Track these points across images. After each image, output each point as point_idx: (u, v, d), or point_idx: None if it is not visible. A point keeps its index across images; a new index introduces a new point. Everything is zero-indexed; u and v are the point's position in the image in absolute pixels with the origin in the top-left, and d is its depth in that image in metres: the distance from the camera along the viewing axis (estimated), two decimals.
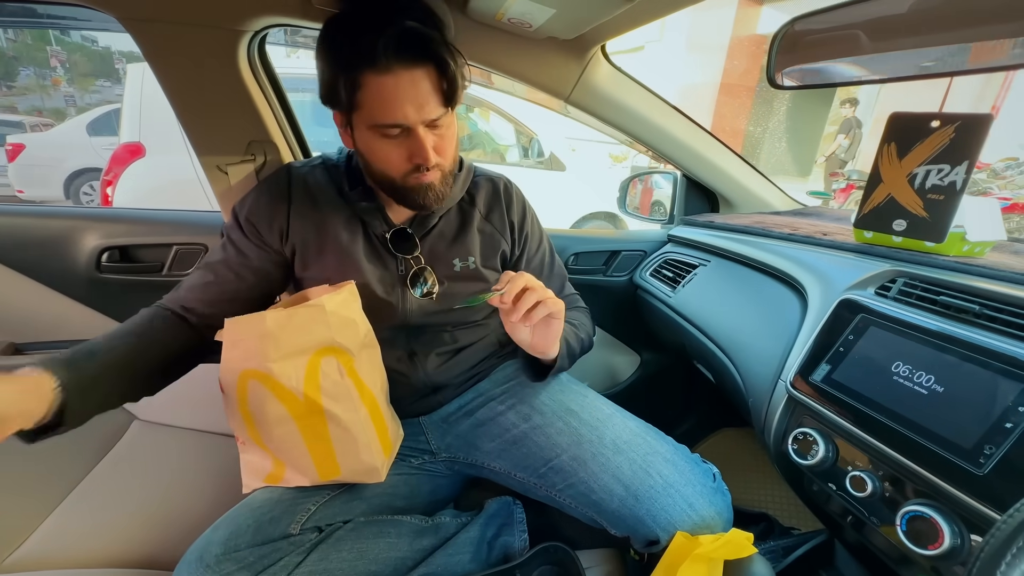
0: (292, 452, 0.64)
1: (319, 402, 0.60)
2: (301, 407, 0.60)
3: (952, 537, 0.44)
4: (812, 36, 0.71)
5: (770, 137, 9.65)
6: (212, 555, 0.57)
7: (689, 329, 0.98)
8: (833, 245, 0.83)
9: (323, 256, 0.72)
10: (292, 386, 0.59)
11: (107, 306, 1.18)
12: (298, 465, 0.65)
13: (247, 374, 0.60)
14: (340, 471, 0.65)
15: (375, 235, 0.73)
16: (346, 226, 0.72)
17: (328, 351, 0.61)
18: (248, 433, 0.65)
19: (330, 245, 0.71)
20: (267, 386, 0.59)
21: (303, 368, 0.60)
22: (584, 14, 0.78)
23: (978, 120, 0.63)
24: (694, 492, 0.64)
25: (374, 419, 0.66)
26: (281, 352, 0.59)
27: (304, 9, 0.81)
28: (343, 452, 0.64)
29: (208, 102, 0.89)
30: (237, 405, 0.62)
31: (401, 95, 0.58)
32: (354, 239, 0.72)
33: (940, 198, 0.66)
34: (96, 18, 0.89)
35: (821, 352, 0.62)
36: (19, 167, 5.60)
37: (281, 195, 0.72)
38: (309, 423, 0.61)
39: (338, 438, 0.63)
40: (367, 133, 0.62)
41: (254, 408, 0.61)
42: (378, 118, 0.60)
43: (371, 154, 0.64)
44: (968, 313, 0.54)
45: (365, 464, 0.65)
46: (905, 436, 0.50)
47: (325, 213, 0.72)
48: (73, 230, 1.13)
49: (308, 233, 0.72)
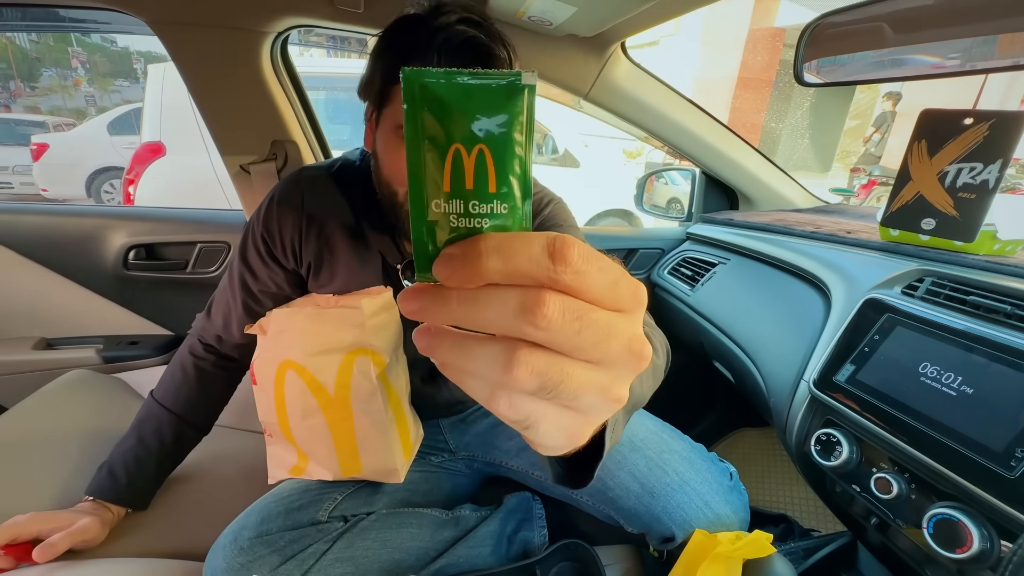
0: (318, 446, 0.65)
1: (348, 400, 0.62)
2: (331, 402, 0.62)
3: (981, 541, 0.43)
4: (839, 31, 0.70)
5: (789, 132, 9.48)
6: (245, 538, 0.59)
7: (708, 328, 0.98)
8: (858, 243, 0.82)
9: (335, 280, 0.68)
10: (325, 381, 0.61)
11: (134, 302, 1.22)
12: (322, 459, 0.67)
13: (286, 364, 0.62)
14: (362, 469, 0.66)
15: (390, 267, 0.69)
16: (359, 251, 0.67)
17: (362, 351, 0.62)
18: (277, 424, 0.66)
19: (342, 270, 0.67)
20: (303, 378, 0.61)
21: (337, 365, 0.61)
22: (604, 12, 0.78)
23: (1014, 118, 0.61)
24: (710, 490, 0.64)
25: (398, 421, 0.67)
26: (319, 347, 0.60)
27: (327, 9, 0.82)
28: (366, 451, 0.65)
29: (232, 102, 0.90)
30: (273, 393, 0.63)
31: None
32: (367, 267, 0.67)
33: (971, 197, 0.65)
34: (118, 21, 0.91)
35: (845, 352, 0.61)
36: (43, 166, 5.74)
37: (293, 207, 0.66)
38: (337, 419, 0.63)
39: (363, 437, 0.64)
40: (390, 135, 0.57)
41: (289, 398, 0.63)
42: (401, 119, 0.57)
43: (385, 160, 0.59)
44: (999, 313, 0.53)
45: (386, 465, 0.66)
46: (933, 438, 0.49)
47: (339, 231, 0.67)
48: (101, 228, 1.16)
49: (323, 251, 0.67)
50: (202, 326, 0.75)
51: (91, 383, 0.97)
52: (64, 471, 0.79)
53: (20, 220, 1.17)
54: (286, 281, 0.70)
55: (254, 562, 0.58)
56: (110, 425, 0.90)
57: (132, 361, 1.17)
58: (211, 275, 1.17)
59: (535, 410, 0.18)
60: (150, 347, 1.20)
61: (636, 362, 0.19)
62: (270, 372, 0.63)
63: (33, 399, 0.89)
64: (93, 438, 0.86)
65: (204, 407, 0.74)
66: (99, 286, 1.19)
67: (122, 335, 1.21)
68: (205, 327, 0.74)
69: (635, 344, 0.18)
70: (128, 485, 0.68)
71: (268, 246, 0.68)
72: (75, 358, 1.14)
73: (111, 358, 1.16)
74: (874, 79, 0.71)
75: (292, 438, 0.68)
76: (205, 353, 0.74)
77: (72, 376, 0.97)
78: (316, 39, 1.55)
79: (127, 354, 1.17)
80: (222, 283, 0.73)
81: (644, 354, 0.19)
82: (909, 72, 0.70)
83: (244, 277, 0.69)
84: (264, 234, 0.67)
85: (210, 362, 0.73)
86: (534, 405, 0.18)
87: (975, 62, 0.62)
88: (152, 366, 1.16)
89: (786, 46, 8.32)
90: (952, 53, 0.64)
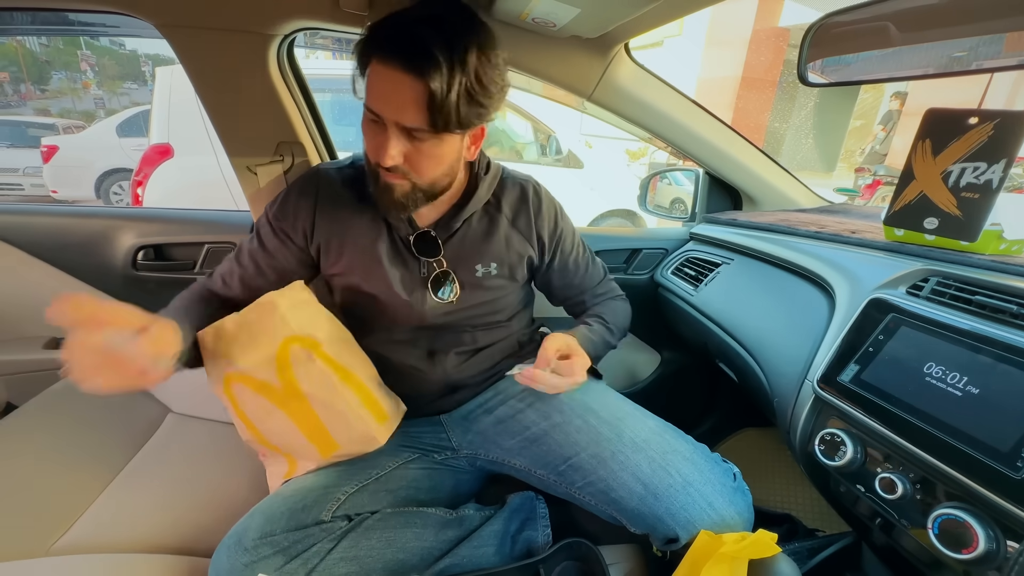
0: (290, 439, 0.67)
1: (296, 386, 0.64)
2: (281, 395, 0.64)
3: (987, 541, 0.43)
4: (843, 31, 0.70)
5: (793, 132, 9.44)
6: (250, 539, 0.59)
7: (712, 328, 0.98)
8: (862, 243, 0.82)
9: (346, 256, 0.74)
10: (266, 378, 0.63)
11: (143, 302, 1.21)
12: (301, 451, 0.69)
13: (228, 379, 0.65)
14: (338, 444, 0.68)
15: (399, 237, 0.75)
16: (370, 227, 0.74)
17: (292, 340, 0.65)
18: (256, 439, 0.68)
19: (353, 245, 0.74)
20: (247, 384, 0.64)
21: (273, 360, 0.64)
22: (608, 13, 0.78)
23: (1019, 117, 0.61)
24: (714, 491, 0.64)
25: (360, 394, 0.69)
26: (247, 350, 0.63)
27: (332, 12, 0.83)
28: (335, 426, 0.67)
29: (239, 104, 0.91)
30: (234, 411, 0.66)
31: (384, 88, 0.60)
32: (377, 240, 0.74)
33: (975, 197, 0.65)
34: (126, 24, 0.92)
35: (850, 352, 0.61)
36: (53, 168, 5.81)
37: (308, 195, 0.74)
38: (295, 408, 0.65)
39: (326, 415, 0.66)
40: (364, 114, 0.65)
41: (246, 408, 0.65)
42: (367, 101, 0.62)
43: (364, 134, 0.67)
44: (1005, 313, 0.52)
45: (360, 432, 0.68)
46: (938, 438, 0.49)
47: (350, 213, 0.74)
48: (110, 229, 1.18)
49: (333, 233, 0.74)
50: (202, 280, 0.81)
51: None
52: (74, 468, 0.80)
53: (31, 221, 1.18)
54: (292, 256, 0.76)
55: (259, 562, 0.58)
56: (119, 423, 0.91)
57: None
58: None
59: None
60: None
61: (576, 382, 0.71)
62: (220, 392, 0.66)
63: (43, 397, 0.90)
64: (102, 436, 0.87)
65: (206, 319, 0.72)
66: (108, 286, 1.21)
67: None
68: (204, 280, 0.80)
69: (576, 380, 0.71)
70: None
71: (280, 221, 0.75)
72: None
73: None
74: (878, 79, 0.71)
75: (270, 443, 0.70)
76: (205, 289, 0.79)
77: None
78: (322, 42, 1.56)
79: None
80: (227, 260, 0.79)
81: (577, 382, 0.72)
82: (913, 72, 0.70)
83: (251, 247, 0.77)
84: (279, 214, 0.75)
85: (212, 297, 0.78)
86: None
87: (981, 61, 0.62)
88: None
89: (790, 46, 8.29)
90: (957, 52, 0.64)
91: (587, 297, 0.90)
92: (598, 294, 0.90)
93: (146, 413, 0.96)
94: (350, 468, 0.73)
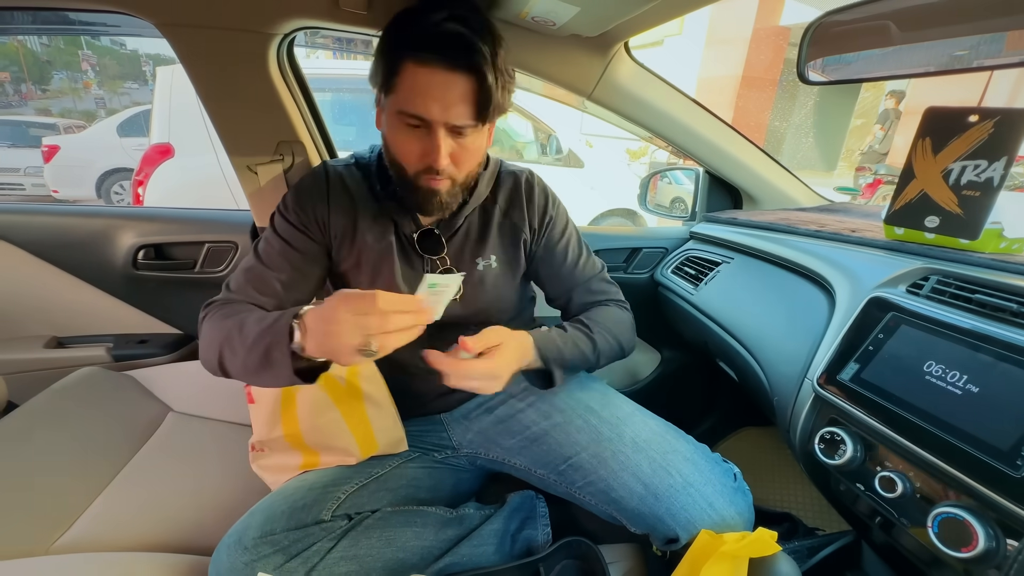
0: (335, 438, 0.68)
1: (358, 385, 0.67)
2: (343, 392, 0.66)
3: (987, 540, 0.43)
4: (843, 29, 0.70)
5: (794, 131, 9.43)
6: (250, 538, 0.59)
7: (712, 327, 0.98)
8: (862, 242, 0.82)
9: (356, 252, 0.74)
10: (337, 374, 0.66)
11: (143, 301, 1.23)
12: (339, 448, 0.70)
13: None
14: (378, 445, 0.71)
15: (404, 235, 0.75)
16: (377, 224, 0.74)
17: None
18: (281, 430, 0.68)
19: (362, 242, 0.74)
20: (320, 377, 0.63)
21: None
22: (608, 12, 0.78)
23: (1019, 115, 0.61)
24: (714, 491, 0.64)
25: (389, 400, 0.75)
26: None
27: (332, 11, 0.83)
28: (379, 428, 0.70)
29: (239, 104, 0.91)
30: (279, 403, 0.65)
31: (432, 90, 0.59)
32: (384, 237, 0.74)
33: (975, 195, 0.65)
34: (127, 23, 0.92)
35: (849, 351, 0.61)
36: (54, 168, 5.82)
37: (319, 190, 0.74)
38: (349, 407, 0.68)
39: (374, 416, 0.69)
40: (394, 118, 0.63)
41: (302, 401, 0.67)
42: (405, 106, 0.61)
43: (392, 140, 0.66)
44: (1005, 312, 0.52)
45: (395, 436, 0.73)
46: (938, 437, 0.49)
47: (358, 210, 0.74)
48: (111, 229, 1.18)
49: (345, 227, 0.74)
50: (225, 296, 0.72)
51: (101, 381, 0.98)
52: (75, 467, 0.80)
53: (32, 221, 1.19)
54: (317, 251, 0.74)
55: (259, 561, 0.58)
56: (120, 422, 0.91)
57: (141, 359, 1.18)
58: (219, 274, 1.18)
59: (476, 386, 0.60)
60: (159, 345, 1.21)
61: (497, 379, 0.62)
62: None
63: (44, 396, 0.90)
64: (103, 434, 0.87)
65: None
66: (109, 285, 1.21)
67: (131, 334, 1.23)
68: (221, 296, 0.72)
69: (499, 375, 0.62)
70: None
71: (299, 215, 0.73)
72: (86, 356, 1.16)
73: (121, 356, 1.18)
74: (878, 77, 0.71)
75: (300, 442, 0.69)
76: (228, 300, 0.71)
77: (83, 374, 0.99)
78: (322, 41, 1.56)
79: (136, 352, 1.19)
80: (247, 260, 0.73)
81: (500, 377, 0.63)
82: (914, 70, 0.70)
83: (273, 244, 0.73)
84: (296, 207, 0.73)
85: None
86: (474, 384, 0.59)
87: (982, 59, 0.62)
88: (161, 364, 1.17)
89: (791, 45, 8.28)
90: (958, 50, 0.64)
91: (578, 293, 0.83)
92: (592, 290, 0.84)
93: (147, 412, 0.96)
94: (350, 467, 0.73)
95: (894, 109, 6.24)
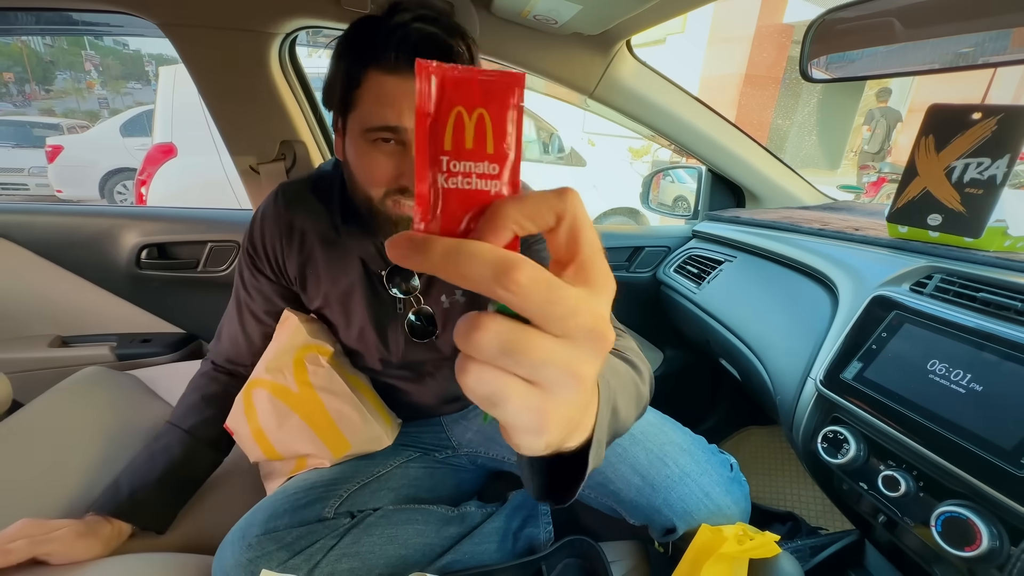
0: (303, 444, 0.70)
1: (312, 389, 0.68)
2: (299, 398, 0.68)
3: (991, 539, 0.43)
4: (846, 26, 0.69)
5: (797, 129, 9.39)
6: (253, 535, 0.60)
7: (714, 326, 0.97)
8: (865, 240, 0.81)
9: (321, 292, 0.69)
10: (286, 383, 0.67)
11: (147, 301, 1.24)
12: (314, 454, 0.72)
13: (251, 385, 0.69)
14: (350, 444, 0.71)
15: (372, 273, 0.68)
16: (340, 260, 0.67)
17: (307, 349, 0.70)
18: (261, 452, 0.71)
19: (324, 280, 0.68)
20: (269, 389, 0.68)
21: (291, 366, 0.68)
22: (609, 10, 0.78)
23: (1022, 112, 0.61)
24: (710, 481, 0.65)
25: (366, 394, 0.74)
26: (272, 359, 0.69)
27: (333, 10, 0.83)
28: (347, 427, 0.70)
29: (241, 103, 0.92)
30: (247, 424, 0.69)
31: (402, 96, 0.52)
32: (347, 275, 0.67)
33: (978, 192, 0.64)
34: (130, 23, 0.93)
35: (852, 350, 0.61)
36: (58, 168, 5.84)
37: (274, 226, 0.67)
38: (309, 411, 0.69)
39: (339, 416, 0.69)
40: (358, 140, 0.55)
41: (261, 416, 0.68)
42: (373, 119, 0.53)
43: (357, 165, 0.57)
44: (1009, 310, 0.52)
45: (371, 433, 0.72)
46: (941, 436, 0.49)
47: (318, 246, 0.67)
48: (114, 228, 1.18)
49: (304, 265, 0.68)
50: (214, 349, 0.77)
51: (105, 380, 0.99)
52: (79, 465, 0.80)
53: (36, 220, 1.19)
54: (275, 293, 0.72)
55: (262, 558, 0.59)
56: (124, 421, 0.91)
57: (145, 358, 1.19)
58: (221, 274, 1.19)
59: (501, 385, 0.19)
60: (162, 344, 1.22)
61: (600, 343, 0.19)
62: (239, 403, 0.70)
63: (49, 395, 0.91)
64: (107, 433, 0.87)
65: (215, 424, 0.72)
66: (112, 285, 1.21)
67: (135, 333, 1.24)
68: (216, 349, 0.77)
69: (600, 325, 0.19)
70: (129, 496, 0.64)
71: (253, 259, 0.70)
72: (90, 355, 1.17)
73: (125, 355, 1.18)
74: (882, 74, 0.71)
75: (280, 455, 0.72)
76: (215, 373, 0.76)
77: (87, 373, 0.99)
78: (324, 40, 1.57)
79: (140, 351, 1.19)
80: (229, 307, 0.76)
81: (608, 337, 0.19)
82: (918, 67, 0.70)
83: (240, 296, 0.73)
84: (250, 248, 0.70)
85: (221, 382, 0.75)
86: (500, 379, 0.19)
87: (988, 56, 0.62)
88: (164, 363, 1.17)
89: (794, 43, 8.24)
90: (964, 48, 0.64)
91: None
92: None
93: (150, 411, 0.96)
94: (352, 466, 0.73)
95: (878, 108, 6.26)
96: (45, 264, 1.18)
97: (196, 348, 1.28)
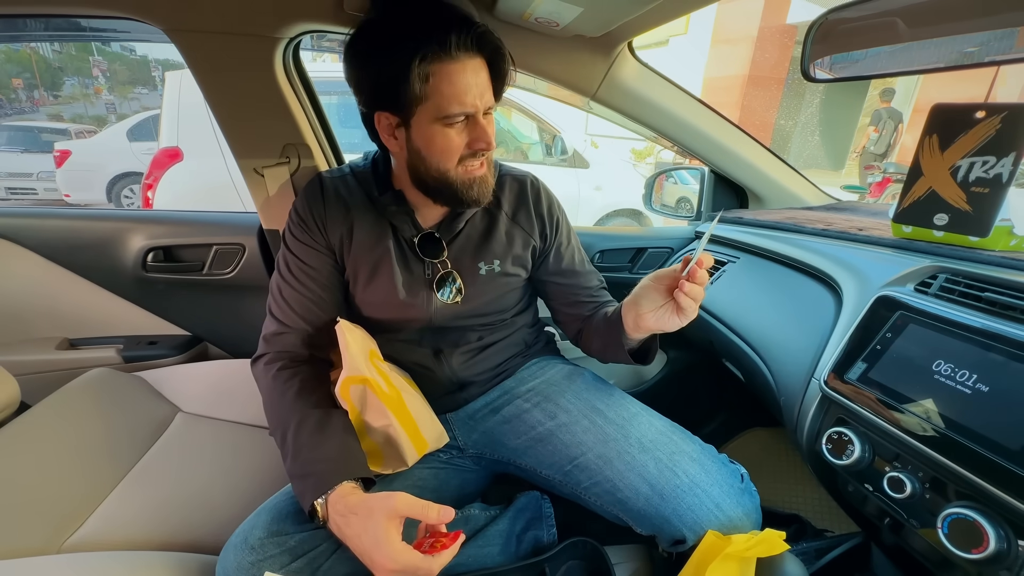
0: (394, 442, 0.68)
1: (398, 390, 0.69)
2: (390, 398, 0.68)
3: (998, 541, 0.42)
4: (848, 26, 0.69)
5: (801, 130, 9.35)
6: (256, 537, 0.59)
7: (717, 327, 0.97)
8: (869, 240, 0.81)
9: (355, 258, 0.74)
10: (379, 382, 0.67)
11: (153, 303, 1.25)
12: (398, 453, 0.69)
13: (348, 381, 0.66)
14: (428, 443, 0.72)
15: (404, 239, 0.75)
16: (375, 230, 0.74)
17: (373, 355, 0.71)
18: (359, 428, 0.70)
19: (360, 248, 0.74)
20: (369, 387, 0.66)
21: (371, 367, 0.68)
22: (611, 12, 0.78)
23: None
24: (721, 492, 0.64)
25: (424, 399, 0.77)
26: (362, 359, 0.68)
27: (336, 15, 0.84)
28: (424, 426, 0.71)
29: (246, 107, 0.92)
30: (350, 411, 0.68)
31: (469, 82, 0.60)
32: (382, 243, 0.74)
33: (984, 191, 0.64)
34: (136, 29, 0.94)
35: (857, 350, 0.60)
36: (66, 172, 5.91)
37: (316, 201, 0.74)
38: (399, 411, 0.69)
39: (417, 415, 0.71)
40: (430, 127, 0.63)
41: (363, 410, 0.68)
42: (452, 108, 0.61)
43: (431, 147, 0.64)
44: (1015, 310, 0.52)
45: (438, 430, 0.75)
46: (947, 436, 0.48)
47: (356, 217, 0.74)
48: (121, 232, 1.19)
49: (343, 236, 0.74)
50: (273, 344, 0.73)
51: (112, 382, 1.00)
52: (85, 466, 0.81)
53: (44, 224, 1.21)
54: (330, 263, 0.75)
55: (265, 561, 0.58)
56: (130, 422, 0.92)
57: (151, 360, 1.20)
58: (227, 276, 1.19)
59: None
60: (168, 347, 1.23)
61: None
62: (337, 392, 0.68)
63: (56, 397, 0.92)
64: (113, 435, 0.88)
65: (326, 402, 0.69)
66: (119, 288, 1.22)
67: (141, 335, 1.25)
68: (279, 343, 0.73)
69: None
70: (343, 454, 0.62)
71: (305, 232, 0.74)
72: (96, 358, 1.18)
73: (131, 357, 1.19)
74: (885, 74, 0.70)
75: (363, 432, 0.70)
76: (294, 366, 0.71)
77: (94, 375, 1.00)
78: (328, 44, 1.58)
79: (146, 353, 1.20)
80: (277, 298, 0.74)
81: None
82: (922, 66, 0.69)
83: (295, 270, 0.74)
84: (300, 224, 0.74)
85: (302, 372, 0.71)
86: None
87: (993, 55, 0.61)
88: (171, 365, 1.18)
89: (797, 43, 8.20)
90: (968, 47, 0.63)
91: (584, 298, 0.83)
92: (595, 296, 0.84)
93: (156, 413, 0.97)
94: None
95: (884, 108, 6.23)
96: (53, 267, 1.19)
97: (202, 350, 1.29)
